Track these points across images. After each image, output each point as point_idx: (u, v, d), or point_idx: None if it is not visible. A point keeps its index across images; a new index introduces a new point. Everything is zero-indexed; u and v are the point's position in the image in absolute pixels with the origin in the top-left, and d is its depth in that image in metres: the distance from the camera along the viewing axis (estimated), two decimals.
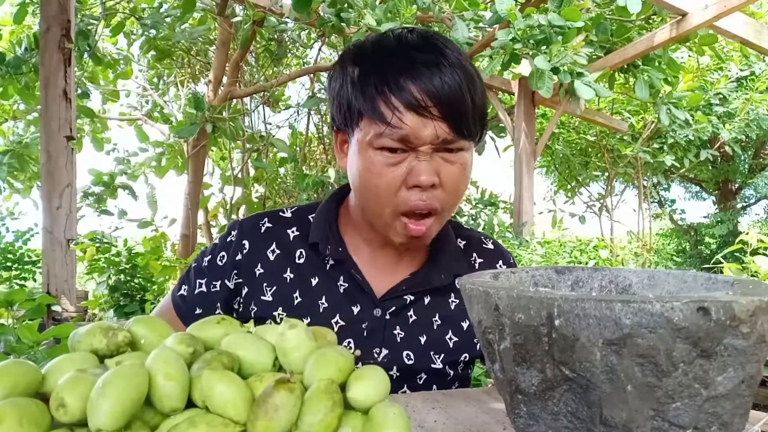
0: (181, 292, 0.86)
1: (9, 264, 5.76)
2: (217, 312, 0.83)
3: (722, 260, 2.58)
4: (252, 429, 0.31)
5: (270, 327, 0.41)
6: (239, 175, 5.10)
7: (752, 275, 2.43)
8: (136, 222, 4.27)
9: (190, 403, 0.33)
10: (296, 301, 0.79)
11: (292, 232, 0.84)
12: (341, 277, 0.81)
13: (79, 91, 3.87)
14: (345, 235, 0.84)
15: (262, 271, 0.82)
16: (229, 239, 0.85)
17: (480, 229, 4.58)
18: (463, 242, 0.89)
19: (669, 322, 0.30)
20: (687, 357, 0.31)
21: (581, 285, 0.52)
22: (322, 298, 0.80)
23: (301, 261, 0.82)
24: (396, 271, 0.83)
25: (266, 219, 0.86)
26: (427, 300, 0.82)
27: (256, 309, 0.80)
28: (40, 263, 4.63)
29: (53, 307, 2.95)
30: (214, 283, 0.83)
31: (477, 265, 0.88)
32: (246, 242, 0.83)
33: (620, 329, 0.31)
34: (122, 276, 4.00)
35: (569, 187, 7.75)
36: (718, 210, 9.76)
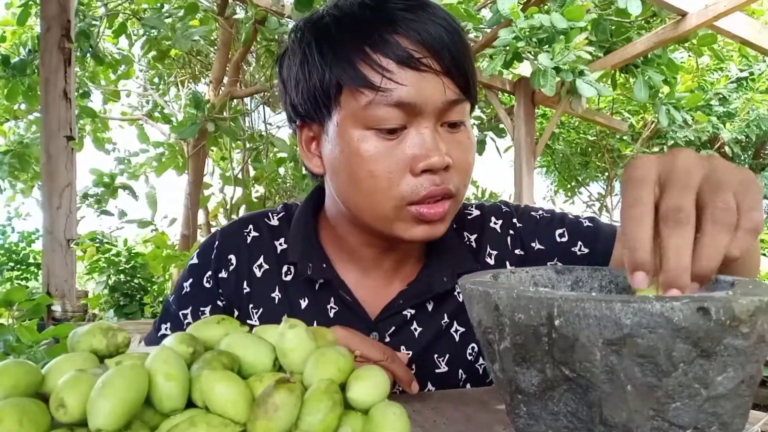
0: (163, 332, 0.70)
1: (12, 264, 5.78)
2: None
3: None
4: (252, 429, 0.31)
5: (270, 327, 0.41)
6: (239, 175, 5.10)
7: None
8: (135, 222, 4.28)
9: (190, 403, 0.33)
10: None
11: (280, 244, 0.72)
12: (331, 299, 0.69)
13: (78, 88, 3.88)
14: (328, 249, 0.71)
15: (248, 290, 0.70)
16: (212, 255, 0.72)
17: None
18: (474, 235, 0.75)
19: (669, 322, 0.30)
20: (687, 357, 0.31)
21: (581, 285, 0.52)
22: (312, 324, 0.67)
23: (288, 278, 0.70)
24: (391, 284, 0.71)
25: (251, 227, 0.73)
26: (430, 306, 0.71)
27: None
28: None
29: (53, 307, 2.95)
30: (202, 309, 0.70)
31: (493, 260, 0.73)
32: (232, 257, 0.71)
33: (620, 329, 0.31)
34: (122, 276, 4.01)
35: (569, 186, 7.75)
36: None
